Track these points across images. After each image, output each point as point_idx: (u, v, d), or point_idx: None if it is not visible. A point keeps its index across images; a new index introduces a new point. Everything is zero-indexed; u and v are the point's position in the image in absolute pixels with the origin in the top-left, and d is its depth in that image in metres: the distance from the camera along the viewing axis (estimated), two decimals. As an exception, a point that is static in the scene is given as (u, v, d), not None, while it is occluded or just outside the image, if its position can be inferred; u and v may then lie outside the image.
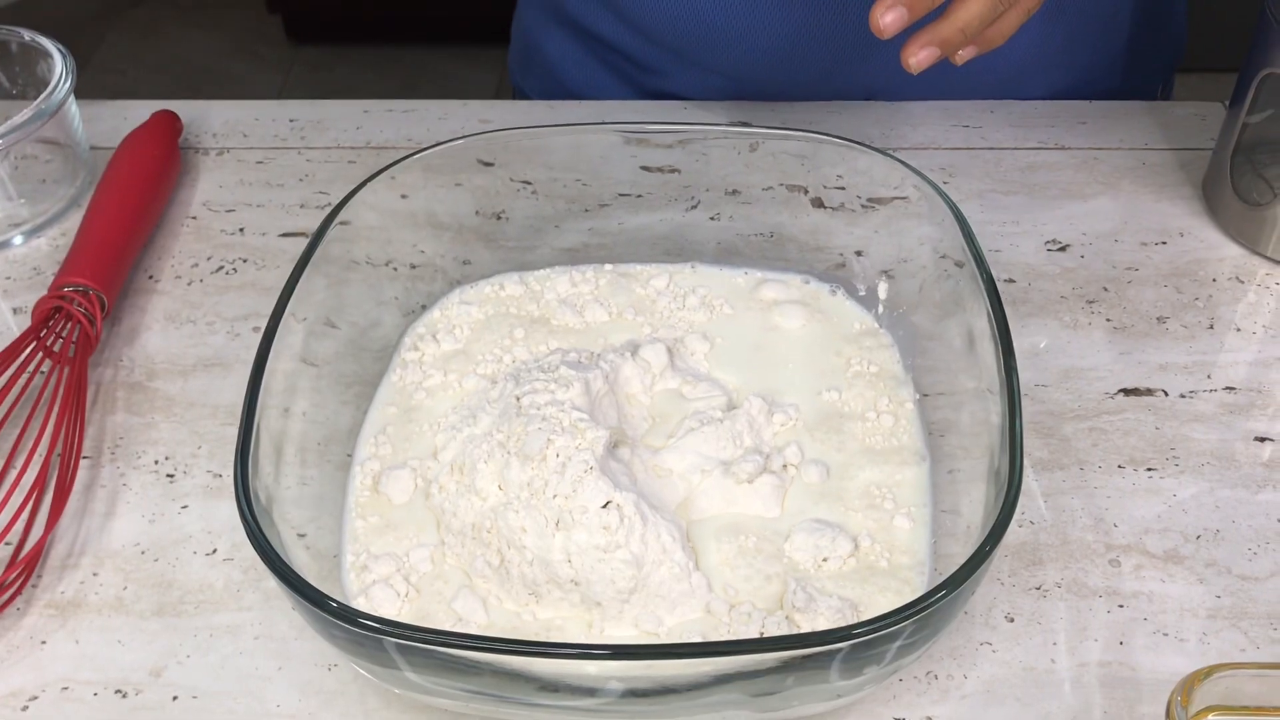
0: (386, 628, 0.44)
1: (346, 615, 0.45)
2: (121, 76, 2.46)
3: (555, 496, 0.52)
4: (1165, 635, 0.54)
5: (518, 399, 0.55)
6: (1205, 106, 0.84)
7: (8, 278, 0.73)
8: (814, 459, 0.58)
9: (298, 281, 0.57)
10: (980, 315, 0.55)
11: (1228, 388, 0.65)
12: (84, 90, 0.77)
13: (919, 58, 0.59)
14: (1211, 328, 0.68)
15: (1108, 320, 0.69)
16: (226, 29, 2.63)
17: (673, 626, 0.52)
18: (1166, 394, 0.65)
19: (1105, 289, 0.71)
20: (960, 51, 0.61)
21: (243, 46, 2.58)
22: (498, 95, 2.36)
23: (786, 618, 0.51)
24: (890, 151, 0.64)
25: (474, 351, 0.64)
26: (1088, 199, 0.77)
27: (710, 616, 0.52)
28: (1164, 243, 0.74)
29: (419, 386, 0.62)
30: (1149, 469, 0.61)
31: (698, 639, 0.51)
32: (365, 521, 0.56)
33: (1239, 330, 0.68)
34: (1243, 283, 0.71)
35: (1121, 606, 0.55)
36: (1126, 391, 0.65)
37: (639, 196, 0.69)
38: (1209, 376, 0.66)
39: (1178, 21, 0.92)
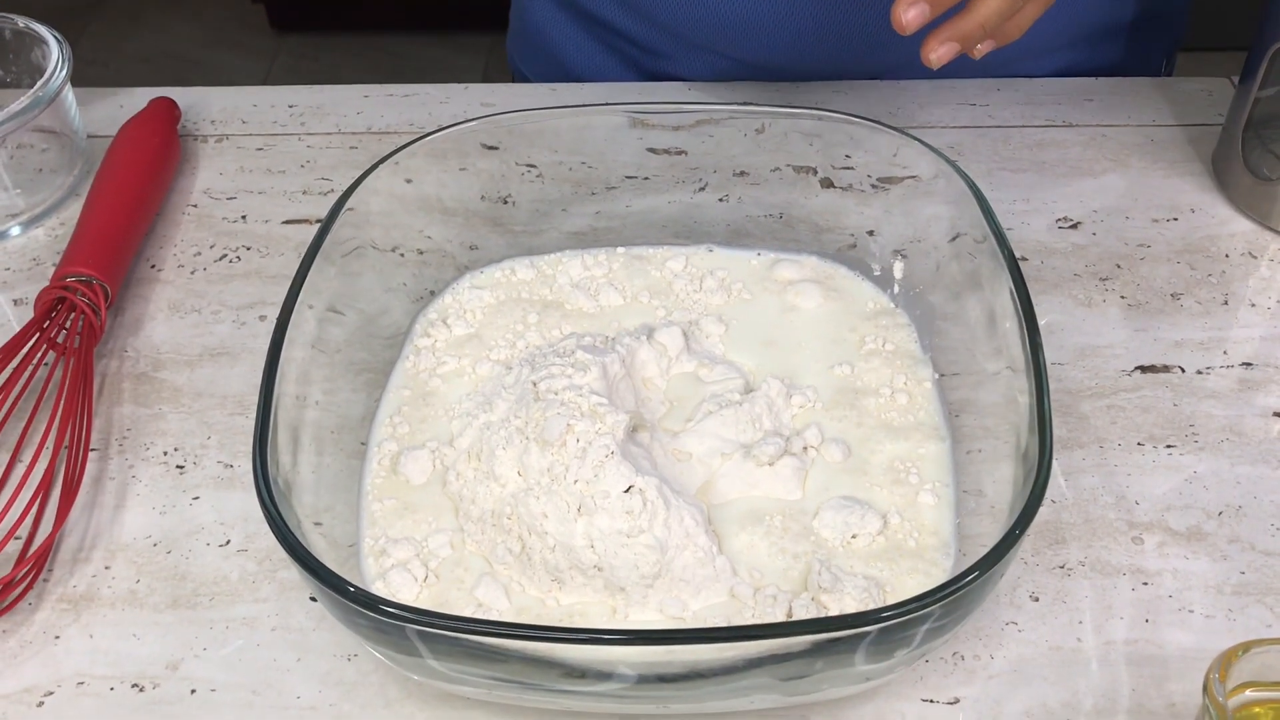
0: (409, 614, 0.44)
1: (369, 602, 0.44)
2: (104, 68, 2.44)
3: (576, 482, 0.51)
4: (1191, 612, 0.54)
5: (535, 384, 0.55)
6: (1212, 82, 0.83)
7: (6, 269, 0.72)
8: (834, 438, 0.58)
9: (309, 268, 0.56)
10: (1001, 293, 0.55)
11: (1244, 363, 0.65)
12: (71, 74, 0.76)
13: (939, 53, 0.59)
14: (1226, 303, 0.68)
15: (1122, 297, 0.68)
16: (209, 18, 2.61)
17: (697, 611, 0.51)
18: (1183, 370, 0.64)
19: (1118, 266, 0.70)
20: (979, 46, 0.60)
21: (226, 36, 2.56)
22: (485, 80, 2.35)
23: (813, 599, 0.51)
24: (903, 130, 0.63)
25: (487, 337, 0.63)
26: (1097, 176, 0.76)
27: (735, 600, 0.51)
28: (1175, 219, 0.73)
29: (433, 373, 0.61)
30: (1168, 446, 0.61)
31: (722, 623, 0.51)
32: (382, 505, 0.56)
33: (1253, 305, 0.68)
34: (1255, 258, 0.71)
35: (1146, 584, 0.55)
36: (1143, 368, 0.65)
37: (646, 179, 0.68)
38: (1225, 352, 0.65)
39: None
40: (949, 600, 0.44)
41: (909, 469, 0.56)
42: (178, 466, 0.61)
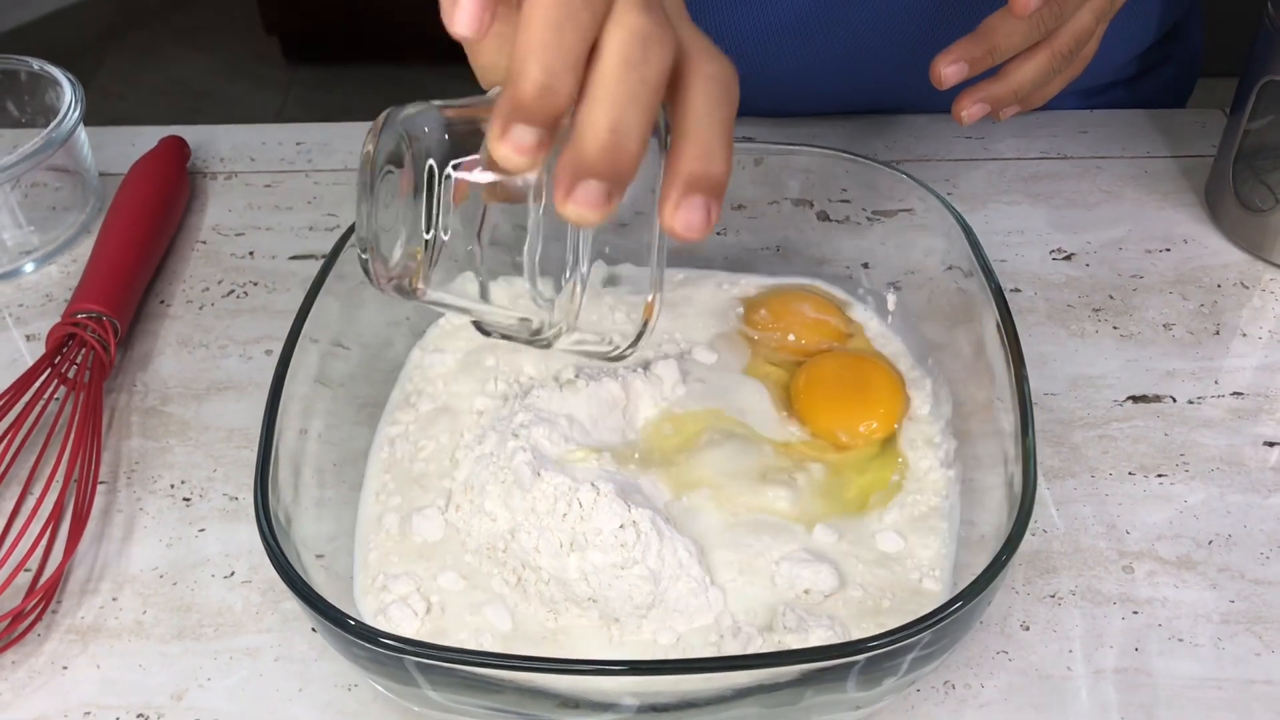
0: (407, 646, 0.45)
1: (367, 634, 0.45)
2: (120, 100, 2.47)
3: (565, 517, 0.52)
4: (1180, 641, 0.55)
5: (515, 435, 0.55)
6: (1205, 113, 0.84)
7: (20, 305, 0.73)
8: (827, 465, 0.58)
9: (313, 303, 0.57)
10: (989, 325, 0.56)
11: (1235, 393, 0.65)
12: (84, 115, 0.77)
13: (970, 111, 0.62)
14: (1218, 333, 0.69)
15: (1114, 328, 0.69)
16: (224, 51, 2.63)
17: (687, 636, 0.52)
18: (1175, 400, 0.65)
19: (1111, 297, 0.71)
20: (1006, 109, 0.63)
21: (241, 68, 2.59)
22: (496, 112, 2.36)
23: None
24: (894, 165, 0.64)
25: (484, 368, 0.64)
26: (1091, 207, 0.77)
27: (728, 630, 0.52)
28: (1168, 250, 0.74)
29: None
30: (1159, 475, 0.62)
31: (713, 653, 0.52)
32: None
33: (1245, 335, 0.69)
34: (1247, 288, 0.72)
35: (1136, 613, 0.56)
36: (1135, 398, 0.65)
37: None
38: (1216, 382, 0.66)
39: (1194, 42, 0.91)
40: (936, 628, 0.45)
41: (901, 499, 0.57)
42: (184, 499, 0.62)
